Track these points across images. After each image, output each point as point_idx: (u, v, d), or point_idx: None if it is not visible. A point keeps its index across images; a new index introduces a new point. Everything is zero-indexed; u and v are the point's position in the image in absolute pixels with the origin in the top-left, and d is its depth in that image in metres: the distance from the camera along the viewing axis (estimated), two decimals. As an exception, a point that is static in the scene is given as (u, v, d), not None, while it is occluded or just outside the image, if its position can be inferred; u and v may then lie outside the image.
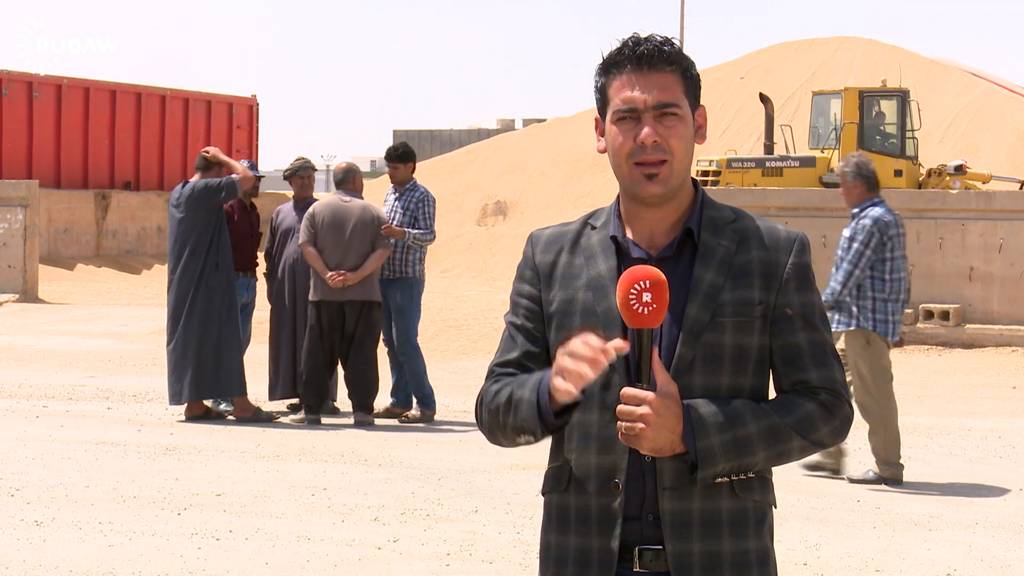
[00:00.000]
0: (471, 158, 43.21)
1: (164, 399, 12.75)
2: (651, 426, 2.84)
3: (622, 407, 2.85)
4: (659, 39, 3.00)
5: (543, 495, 3.09)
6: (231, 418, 11.99)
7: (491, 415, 3.03)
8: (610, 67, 3.01)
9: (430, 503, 8.86)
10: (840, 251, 9.90)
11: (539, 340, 3.08)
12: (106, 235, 32.62)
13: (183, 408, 12.02)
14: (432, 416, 12.10)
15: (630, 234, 3.04)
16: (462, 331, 18.48)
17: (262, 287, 13.12)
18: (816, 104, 28.92)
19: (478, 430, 3.17)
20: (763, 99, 29.14)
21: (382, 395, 12.25)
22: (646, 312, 2.81)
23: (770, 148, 28.43)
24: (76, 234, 31.82)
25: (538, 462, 10.10)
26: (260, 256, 12.98)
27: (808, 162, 27.08)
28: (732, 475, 2.94)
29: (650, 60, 2.97)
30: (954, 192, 22.21)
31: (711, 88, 42.01)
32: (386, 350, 12.32)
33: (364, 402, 11.88)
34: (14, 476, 9.39)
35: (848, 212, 10.07)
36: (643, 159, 2.96)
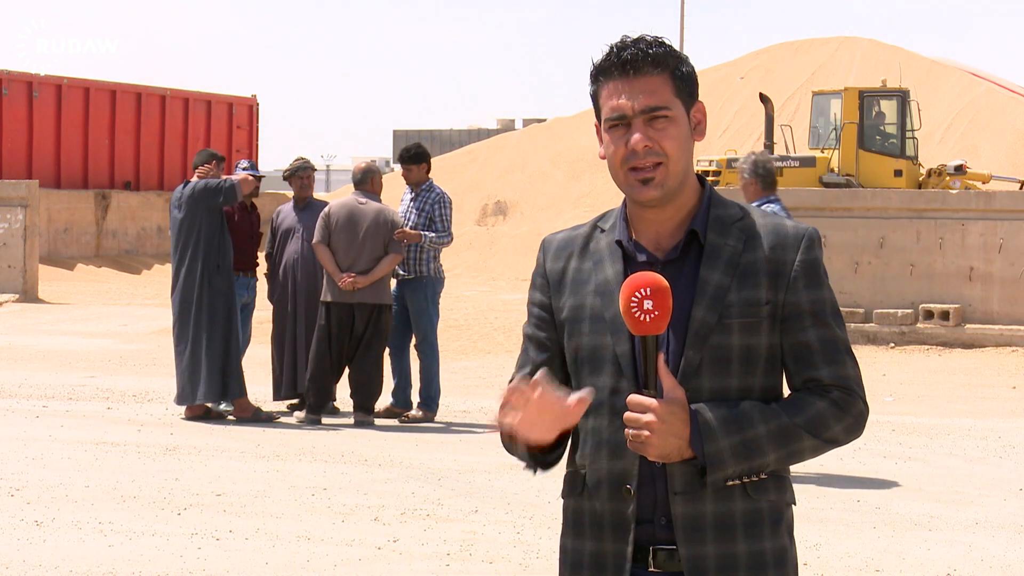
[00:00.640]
0: (471, 158, 43.20)
1: (164, 399, 12.76)
2: (656, 433, 2.84)
3: (628, 414, 2.86)
4: (647, 40, 2.98)
5: (562, 498, 3.11)
6: (231, 418, 11.99)
7: (503, 440, 3.09)
8: (599, 75, 3.00)
9: (430, 503, 8.86)
10: None
11: (550, 348, 3.10)
12: (106, 235, 32.61)
13: (183, 408, 12.03)
14: (432, 418, 12.09)
15: (638, 237, 3.02)
16: (462, 331, 18.48)
17: (262, 287, 13.12)
18: (816, 104, 28.93)
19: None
20: (763, 99, 29.13)
21: (383, 395, 12.24)
22: (648, 320, 2.82)
23: (770, 148, 28.40)
24: (76, 234, 31.81)
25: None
26: (260, 256, 12.99)
27: (808, 162, 27.08)
28: (744, 477, 2.92)
29: (635, 65, 2.95)
30: (954, 192, 22.21)
31: (711, 88, 42.01)
32: (388, 351, 12.30)
33: (366, 404, 11.86)
34: (14, 476, 9.39)
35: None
36: (636, 164, 2.95)
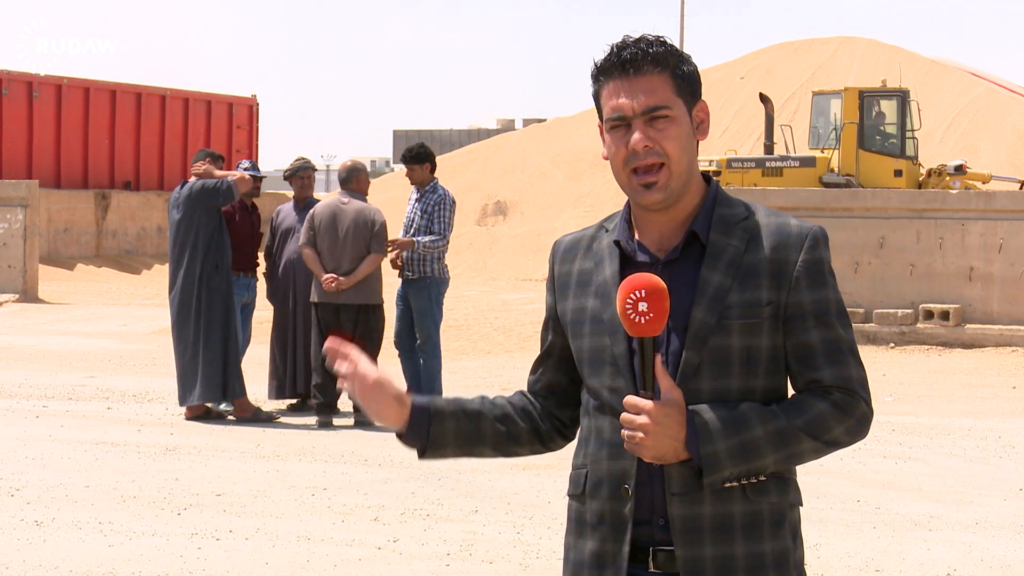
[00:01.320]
0: (471, 158, 43.21)
1: (164, 399, 12.76)
2: (651, 435, 2.83)
3: (623, 415, 2.86)
4: (648, 39, 2.97)
5: (567, 496, 3.12)
6: (231, 418, 11.99)
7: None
8: (599, 74, 2.99)
9: (430, 503, 8.86)
10: None
11: (561, 351, 3.13)
12: (106, 235, 32.61)
13: (183, 408, 12.03)
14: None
15: (642, 237, 3.02)
16: (462, 331, 18.48)
17: (262, 287, 13.12)
18: (816, 104, 28.92)
19: None
20: (763, 99, 29.13)
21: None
22: (643, 321, 2.81)
23: (770, 148, 28.43)
24: (76, 234, 31.81)
25: (538, 463, 10.12)
26: (260, 256, 12.99)
27: (808, 162, 27.08)
28: (742, 479, 2.91)
29: (635, 64, 2.94)
30: (954, 192, 22.21)
31: (711, 88, 42.01)
32: (397, 352, 12.25)
33: None
34: (14, 476, 9.39)
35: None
36: (638, 165, 2.94)
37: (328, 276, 11.65)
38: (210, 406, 12.03)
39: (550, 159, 41.03)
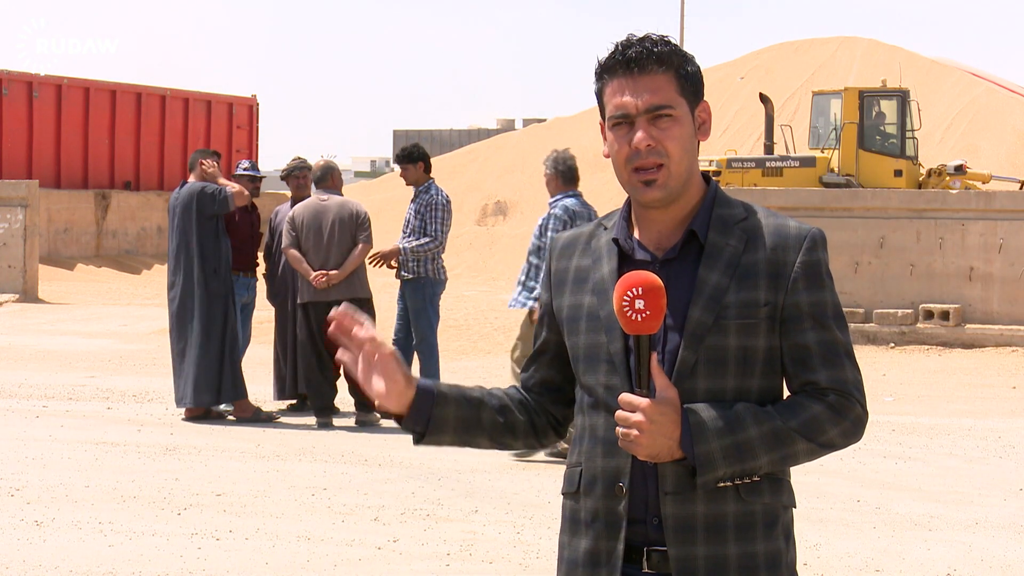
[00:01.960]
0: (471, 158, 43.22)
1: (164, 399, 12.76)
2: (645, 433, 2.83)
3: (618, 413, 2.86)
4: (652, 39, 2.97)
5: (562, 495, 3.12)
6: (231, 418, 11.99)
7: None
8: (603, 73, 2.99)
9: (430, 503, 8.86)
10: (533, 239, 10.54)
11: (556, 347, 3.13)
12: (106, 235, 32.61)
13: (183, 408, 12.02)
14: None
15: (640, 236, 3.02)
16: (462, 331, 18.48)
17: (262, 287, 13.11)
18: (816, 104, 28.92)
19: None
20: (763, 99, 29.14)
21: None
22: (639, 319, 2.81)
23: (770, 148, 28.43)
24: (76, 234, 31.81)
25: (538, 463, 10.11)
26: (260, 256, 12.98)
27: (808, 162, 27.08)
28: (736, 479, 2.91)
29: (639, 63, 2.94)
30: (954, 192, 22.20)
31: (711, 88, 41.99)
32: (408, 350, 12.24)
33: (364, 401, 11.83)
34: (14, 476, 9.39)
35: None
36: (639, 164, 2.94)
37: (318, 273, 11.64)
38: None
39: (550, 159, 40.97)
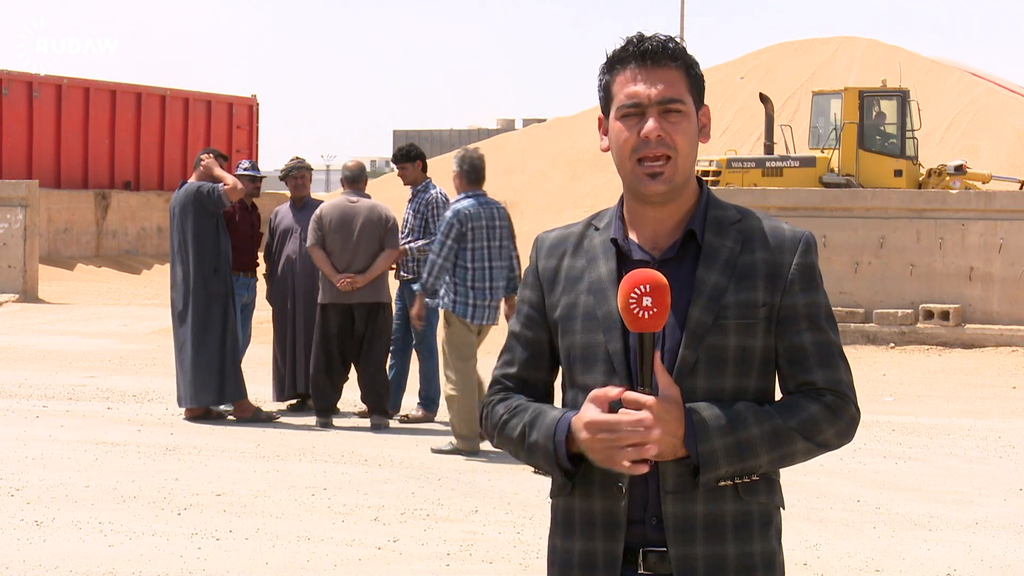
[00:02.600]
0: (471, 158, 43.15)
1: (164, 399, 12.76)
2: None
3: (623, 412, 2.85)
4: (663, 36, 2.99)
5: (551, 498, 3.10)
6: (231, 418, 11.99)
7: (502, 441, 3.09)
8: (615, 63, 3.00)
9: (430, 503, 8.86)
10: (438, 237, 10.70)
11: (537, 347, 3.10)
12: (106, 235, 32.62)
13: (183, 408, 12.02)
14: (432, 418, 12.08)
15: (633, 235, 3.02)
16: (462, 331, 18.47)
17: (262, 287, 13.11)
18: (816, 104, 28.92)
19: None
20: (763, 99, 29.13)
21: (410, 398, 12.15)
22: (647, 316, 2.81)
23: (770, 148, 28.42)
24: (76, 234, 31.81)
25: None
26: (260, 256, 12.98)
27: (808, 162, 27.07)
28: (735, 478, 2.92)
29: (655, 55, 2.96)
30: (954, 192, 22.20)
31: (711, 88, 41.97)
32: (415, 353, 12.21)
33: (379, 406, 11.75)
34: (14, 476, 9.39)
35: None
36: (647, 154, 2.94)
37: (345, 276, 11.58)
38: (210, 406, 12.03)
39: (550, 159, 41.04)
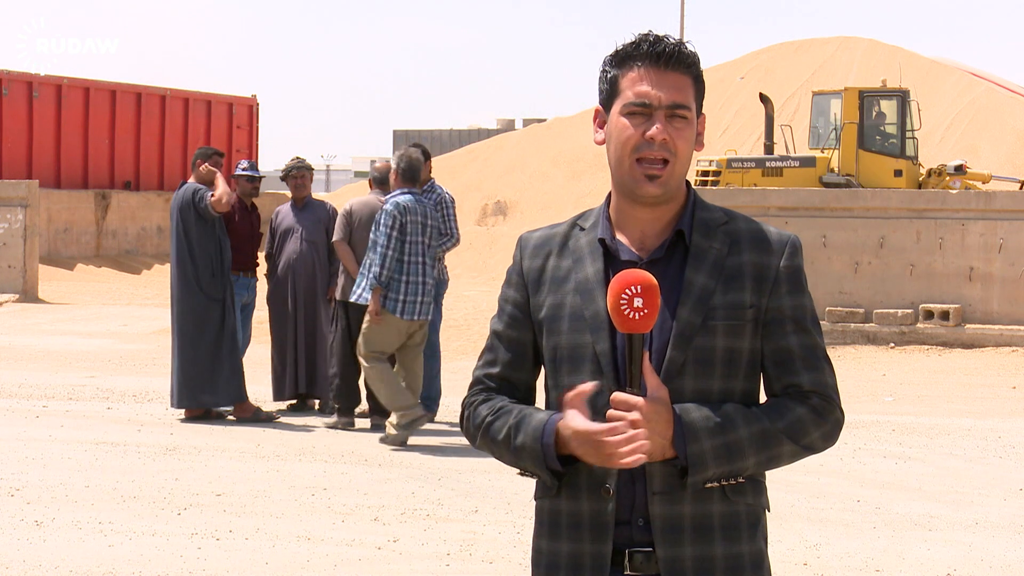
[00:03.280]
0: (471, 158, 43.21)
1: (164, 399, 12.76)
2: (641, 432, 2.83)
3: (611, 412, 2.85)
4: (675, 39, 3.00)
5: (535, 500, 3.09)
6: (231, 418, 11.99)
7: (485, 443, 3.06)
8: (626, 59, 2.99)
9: (430, 503, 8.86)
10: (371, 234, 10.84)
11: (520, 347, 3.09)
12: (106, 235, 32.62)
13: (183, 408, 12.02)
14: (432, 418, 12.08)
15: (620, 236, 3.02)
16: (462, 331, 18.48)
17: (262, 287, 13.11)
18: (816, 104, 28.92)
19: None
20: (763, 99, 29.13)
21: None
22: (637, 317, 2.81)
23: (770, 148, 28.43)
24: (76, 234, 31.82)
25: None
26: (261, 256, 12.98)
27: (808, 162, 27.08)
28: (723, 480, 2.92)
29: (669, 59, 2.96)
30: (954, 192, 22.20)
31: (711, 88, 41.98)
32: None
33: (380, 405, 11.72)
34: (14, 476, 9.39)
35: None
36: (647, 155, 2.94)
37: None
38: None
39: (550, 159, 41.03)
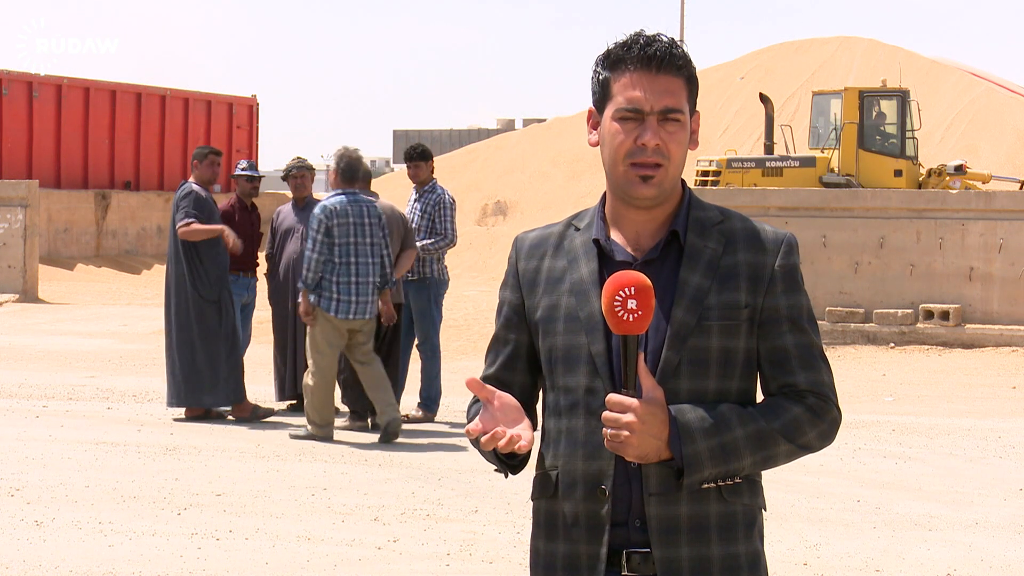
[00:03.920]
0: (471, 158, 43.22)
1: (164, 399, 12.77)
2: (636, 433, 2.82)
3: (607, 414, 2.84)
4: (667, 40, 2.96)
5: (532, 500, 3.09)
6: (231, 418, 11.99)
7: (473, 444, 3.09)
8: (617, 62, 2.96)
9: (430, 503, 8.86)
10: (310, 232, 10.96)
11: (515, 348, 3.10)
12: (106, 235, 32.62)
13: (183, 408, 12.02)
14: (432, 418, 12.09)
15: (615, 236, 3.01)
16: (462, 331, 18.48)
17: (262, 287, 13.11)
18: (816, 104, 28.92)
19: None
20: (763, 99, 29.13)
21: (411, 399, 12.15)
22: (631, 319, 2.80)
23: (770, 148, 28.43)
24: (76, 234, 31.82)
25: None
26: (261, 256, 12.98)
27: (808, 162, 27.08)
28: (719, 480, 2.91)
29: (660, 62, 2.93)
30: (954, 192, 22.19)
31: (711, 88, 42.02)
32: (419, 354, 12.18)
33: (356, 408, 11.74)
34: (14, 476, 9.39)
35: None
36: (641, 160, 2.93)
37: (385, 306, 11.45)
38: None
39: (550, 159, 41.04)
